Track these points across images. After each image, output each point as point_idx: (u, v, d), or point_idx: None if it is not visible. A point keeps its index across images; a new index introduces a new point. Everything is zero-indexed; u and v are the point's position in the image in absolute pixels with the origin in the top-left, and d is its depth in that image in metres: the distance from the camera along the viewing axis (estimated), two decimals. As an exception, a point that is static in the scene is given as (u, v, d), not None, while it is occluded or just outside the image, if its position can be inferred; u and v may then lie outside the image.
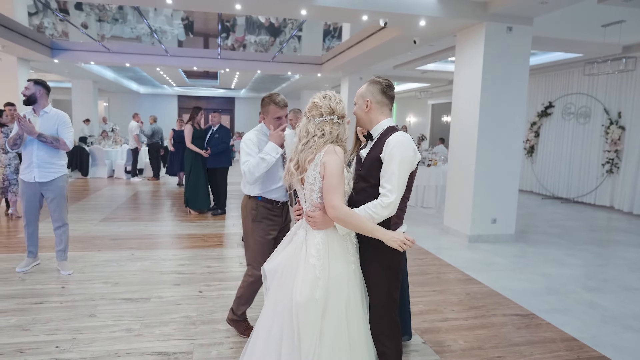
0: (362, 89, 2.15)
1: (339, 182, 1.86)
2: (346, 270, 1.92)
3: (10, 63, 8.99)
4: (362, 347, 1.94)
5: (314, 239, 1.93)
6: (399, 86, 17.76)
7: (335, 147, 1.90)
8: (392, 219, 2.02)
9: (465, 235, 5.92)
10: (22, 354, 2.70)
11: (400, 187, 1.93)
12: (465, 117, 5.98)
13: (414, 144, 2.00)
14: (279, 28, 13.02)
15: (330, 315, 1.86)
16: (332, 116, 1.95)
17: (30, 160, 3.94)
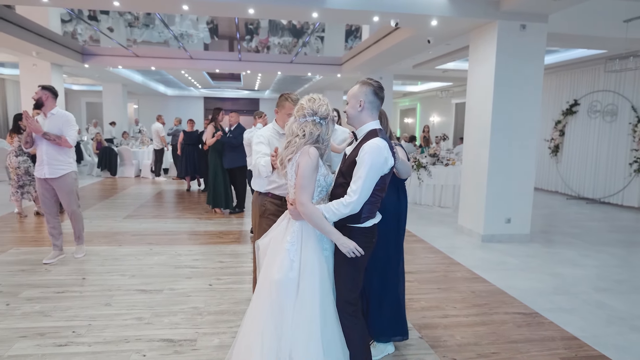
0: (354, 89, 2.25)
1: (309, 183, 2.05)
2: (318, 256, 2.12)
3: (45, 68, 9.49)
4: (333, 325, 2.14)
5: (292, 227, 2.14)
6: (420, 86, 17.66)
7: (310, 148, 2.06)
8: (363, 213, 2.15)
9: (479, 235, 5.90)
10: (42, 337, 2.93)
11: (364, 190, 2.07)
12: (479, 116, 5.96)
13: (385, 153, 2.11)
14: (301, 29, 13.21)
15: (303, 294, 2.07)
16: (314, 117, 2.09)
17: (41, 159, 4.31)
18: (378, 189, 2.16)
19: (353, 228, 2.17)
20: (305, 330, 2.06)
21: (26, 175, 6.38)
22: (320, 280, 2.10)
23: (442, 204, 8.42)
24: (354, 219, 2.16)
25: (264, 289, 2.15)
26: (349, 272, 2.20)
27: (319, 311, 2.08)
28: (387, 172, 2.15)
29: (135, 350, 2.79)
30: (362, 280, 2.28)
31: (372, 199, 2.16)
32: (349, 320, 2.20)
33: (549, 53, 9.61)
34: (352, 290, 2.21)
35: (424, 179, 8.43)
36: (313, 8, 5.29)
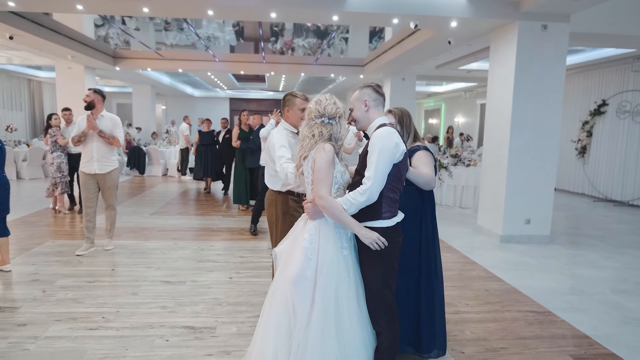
0: (355, 94, 2.34)
1: (326, 175, 2.11)
2: (336, 255, 2.14)
3: (79, 71, 9.96)
4: (353, 326, 2.14)
5: (310, 225, 2.19)
6: (445, 86, 17.53)
7: (326, 144, 2.15)
8: (383, 207, 2.16)
9: (498, 235, 5.90)
10: (75, 321, 3.16)
11: (379, 175, 2.08)
12: (498, 116, 5.95)
13: (396, 138, 2.14)
14: (325, 31, 13.34)
15: (320, 293, 2.09)
16: (322, 118, 2.20)
17: (91, 155, 4.66)
18: (393, 179, 2.15)
19: (376, 228, 2.16)
20: (319, 330, 2.07)
21: (57, 172, 6.70)
22: (337, 280, 2.12)
23: (462, 205, 8.40)
24: (375, 214, 2.16)
25: (280, 287, 2.19)
26: (377, 274, 2.19)
27: (334, 311, 2.10)
28: (400, 160, 2.15)
29: (159, 336, 2.98)
30: (394, 281, 2.26)
31: (390, 191, 2.17)
32: (382, 320, 2.21)
33: (575, 52, 9.45)
34: (384, 292, 2.20)
35: (445, 179, 8.43)
36: (333, 11, 5.42)
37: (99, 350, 2.78)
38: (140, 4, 5.12)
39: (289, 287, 2.12)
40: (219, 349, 2.82)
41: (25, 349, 2.77)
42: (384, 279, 2.21)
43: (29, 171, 10.43)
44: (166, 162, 12.31)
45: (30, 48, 8.08)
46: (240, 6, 5.27)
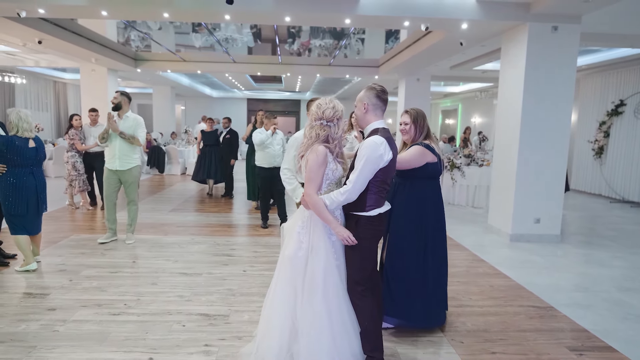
0: (361, 94, 2.54)
1: (315, 176, 2.36)
2: (324, 241, 2.43)
3: (102, 73, 10.34)
4: (340, 304, 2.45)
5: (304, 214, 2.49)
6: (462, 86, 17.49)
7: (319, 146, 2.37)
8: (368, 202, 2.43)
9: (507, 234, 5.97)
10: (99, 307, 3.40)
11: (360, 181, 2.35)
12: (509, 117, 6.03)
13: (381, 150, 2.37)
14: (342, 32, 13.49)
15: (310, 273, 2.40)
16: (321, 121, 2.40)
17: (114, 153, 5.03)
18: (379, 181, 2.42)
19: (360, 217, 2.44)
20: (311, 306, 2.38)
21: (73, 170, 7.01)
22: (325, 261, 2.41)
23: (475, 204, 8.45)
24: (359, 207, 2.43)
25: (281, 265, 2.52)
26: (356, 257, 2.46)
27: (322, 288, 2.39)
28: (384, 166, 2.39)
29: (177, 321, 3.20)
30: (372, 263, 2.53)
31: (377, 189, 2.43)
32: (358, 299, 2.47)
33: (591, 52, 9.40)
34: (360, 272, 2.47)
35: (458, 179, 8.51)
36: (345, 15, 5.59)
37: (121, 333, 3.01)
38: (161, 9, 5.37)
39: (287, 263, 2.44)
40: (231, 334, 3.02)
41: (55, 330, 3.01)
42: (361, 261, 2.47)
43: (55, 169, 10.87)
44: (185, 161, 12.65)
45: (57, 51, 8.45)
46: (256, 11, 5.48)
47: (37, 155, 4.11)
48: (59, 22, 7.15)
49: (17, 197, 3.99)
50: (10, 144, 3.91)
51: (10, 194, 3.98)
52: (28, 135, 4.03)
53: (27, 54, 10.19)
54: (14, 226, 4.06)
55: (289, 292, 2.47)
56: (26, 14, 5.43)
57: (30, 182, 4.07)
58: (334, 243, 2.46)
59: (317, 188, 2.39)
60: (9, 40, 7.81)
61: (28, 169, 4.05)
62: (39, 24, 6.66)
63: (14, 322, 3.13)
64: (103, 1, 5.25)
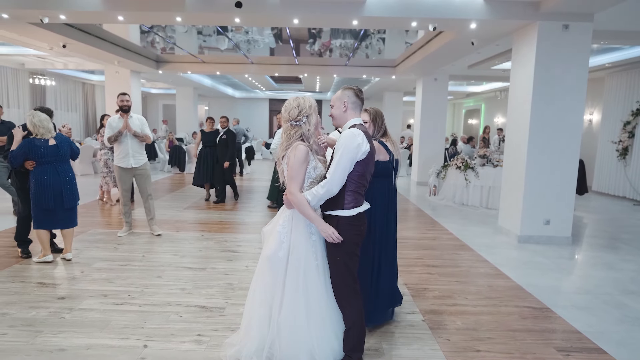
0: (338, 94, 2.61)
1: (297, 173, 2.41)
2: (305, 240, 2.47)
3: (125, 75, 10.74)
4: (321, 306, 2.48)
5: (285, 213, 2.55)
6: (485, 86, 17.23)
7: (299, 145, 2.44)
8: (346, 199, 2.46)
9: (516, 236, 5.92)
10: (105, 297, 3.60)
11: (339, 171, 2.37)
12: (518, 117, 5.97)
13: (359, 139, 2.42)
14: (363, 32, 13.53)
15: (290, 274, 2.44)
16: (291, 122, 2.50)
17: (127, 152, 5.32)
18: (358, 176, 2.45)
19: (340, 217, 2.46)
20: (291, 304, 2.44)
21: (105, 167, 7.48)
22: (305, 261, 2.45)
23: (489, 206, 8.36)
24: (338, 204, 2.46)
25: (261, 264, 2.58)
26: (340, 258, 2.49)
27: (302, 287, 2.44)
28: (363, 159, 2.43)
29: (175, 312, 3.36)
30: (356, 264, 2.55)
31: (355, 185, 2.46)
32: (343, 299, 2.51)
33: (615, 50, 9.14)
34: (345, 274, 2.49)
35: (472, 179, 8.44)
36: (353, 16, 5.66)
37: (121, 321, 3.19)
38: (174, 14, 5.59)
39: (265, 263, 2.49)
40: (224, 326, 3.16)
41: (61, 317, 3.22)
42: (345, 262, 2.49)
43: (80, 167, 11.33)
44: (204, 160, 12.94)
45: (81, 54, 8.84)
46: (264, 14, 5.62)
47: (59, 152, 4.31)
48: (82, 26, 7.50)
49: (42, 193, 4.24)
50: (31, 146, 4.17)
51: (36, 189, 4.24)
52: (47, 136, 4.26)
53: (55, 57, 10.70)
54: (36, 220, 4.32)
55: (269, 292, 2.52)
56: (49, 19, 5.74)
57: (53, 178, 4.27)
58: (314, 243, 2.49)
59: (300, 186, 2.44)
60: (36, 45, 8.22)
61: (51, 166, 4.28)
62: (62, 29, 7.01)
63: (25, 308, 3.36)
64: (119, 7, 5.50)
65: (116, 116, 5.45)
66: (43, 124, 4.21)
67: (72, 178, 4.48)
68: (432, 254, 5.18)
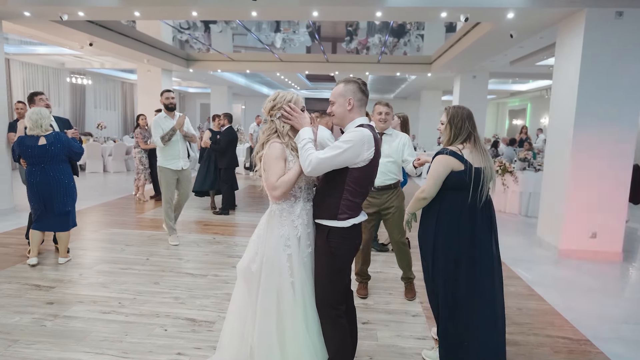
0: (339, 88, 2.24)
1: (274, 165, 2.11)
2: (279, 254, 2.13)
3: (157, 74, 10.80)
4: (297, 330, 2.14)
5: (262, 220, 2.25)
6: (531, 84, 16.18)
7: (272, 143, 2.17)
8: (340, 209, 2.12)
9: (556, 249, 5.30)
10: (94, 304, 3.41)
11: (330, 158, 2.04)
12: (561, 117, 5.34)
13: (367, 142, 2.08)
14: (400, 29, 13.01)
15: (262, 286, 2.14)
16: (267, 117, 2.21)
17: (177, 153, 5.01)
18: (355, 182, 2.11)
19: (332, 228, 2.13)
20: (264, 329, 2.13)
21: (139, 164, 7.78)
22: (280, 279, 2.12)
23: (529, 213, 7.67)
24: (330, 213, 2.13)
25: (238, 277, 2.30)
26: (325, 274, 2.16)
27: (275, 310, 2.13)
28: (363, 165, 2.10)
29: (160, 325, 3.11)
30: (344, 282, 2.22)
31: (351, 193, 2.12)
32: (330, 323, 2.17)
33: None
34: (333, 293, 2.16)
35: (510, 184, 7.79)
36: (376, 8, 5.26)
37: (102, 333, 2.97)
38: (189, 8, 5.40)
39: (239, 276, 2.26)
40: (208, 344, 2.86)
41: (42, 325, 3.04)
42: (330, 279, 2.17)
43: (114, 165, 11.55)
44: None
45: (109, 53, 8.91)
46: (282, 7, 5.33)
47: (48, 153, 4.03)
48: (106, 24, 7.51)
49: (31, 195, 4.09)
50: (20, 144, 4.01)
51: (27, 190, 4.12)
52: (34, 133, 4.00)
53: (91, 56, 10.92)
54: (32, 220, 4.22)
55: (245, 308, 2.26)
56: (68, 17, 5.71)
57: (41, 180, 4.03)
58: (289, 257, 2.15)
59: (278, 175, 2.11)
60: (69, 44, 8.36)
61: (39, 167, 4.04)
62: (87, 27, 7.03)
63: (10, 313, 3.21)
64: (135, 2, 5.37)
65: (162, 115, 5.00)
66: (32, 117, 3.96)
67: (65, 181, 4.14)
68: (458, 267, 4.68)
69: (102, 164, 11.47)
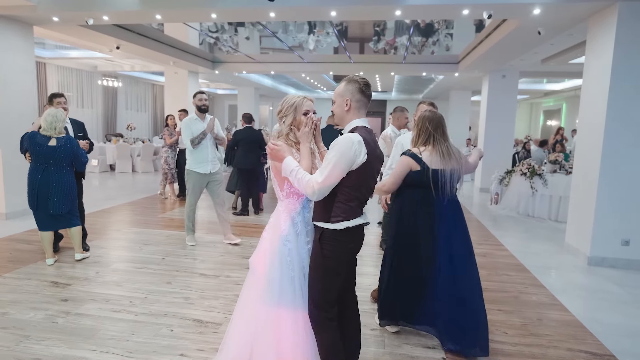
0: (340, 88, 2.20)
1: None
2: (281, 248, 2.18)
3: (183, 76, 11.00)
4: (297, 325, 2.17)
5: (270, 218, 2.32)
6: (566, 83, 15.55)
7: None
8: (334, 212, 2.08)
9: (585, 256, 5.03)
10: (106, 302, 3.47)
11: (329, 174, 1.99)
12: (591, 117, 5.08)
13: (356, 147, 2.02)
14: (428, 28, 12.77)
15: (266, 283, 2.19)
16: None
17: (206, 157, 4.93)
18: (351, 186, 2.07)
19: (325, 230, 2.10)
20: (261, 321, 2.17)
21: (165, 164, 8.02)
22: (280, 271, 2.16)
23: (558, 218, 7.35)
24: (324, 216, 2.10)
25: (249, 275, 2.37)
26: (317, 277, 2.13)
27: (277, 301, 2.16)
28: (355, 169, 2.04)
29: (167, 325, 3.12)
30: (335, 286, 2.15)
31: (346, 197, 2.07)
32: (319, 325, 2.14)
33: None
34: (322, 295, 2.13)
35: (539, 188, 7.48)
36: (395, 6, 5.14)
37: (109, 331, 3.00)
38: (208, 10, 5.44)
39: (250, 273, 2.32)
40: (211, 345, 2.85)
41: (54, 322, 3.11)
42: (320, 280, 2.14)
43: (142, 165, 11.84)
44: (260, 160, 12.95)
45: (135, 55, 9.13)
46: (300, 7, 5.29)
47: (55, 155, 4.08)
48: (133, 27, 7.69)
49: (29, 189, 4.14)
50: (31, 138, 4.09)
51: (28, 185, 4.17)
52: (47, 134, 4.08)
53: (121, 59, 11.24)
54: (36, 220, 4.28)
55: (250, 308, 2.26)
56: (93, 21, 5.87)
57: (42, 180, 4.08)
58: (289, 251, 2.17)
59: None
60: (99, 47, 8.62)
61: (42, 166, 4.10)
62: (114, 31, 7.22)
63: (26, 309, 3.30)
64: (156, 6, 5.45)
65: (192, 116, 4.94)
66: (48, 119, 4.05)
67: (64, 185, 4.16)
68: (477, 273, 4.51)
69: (131, 164, 11.78)
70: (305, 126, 2.18)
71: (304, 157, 2.14)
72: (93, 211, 6.62)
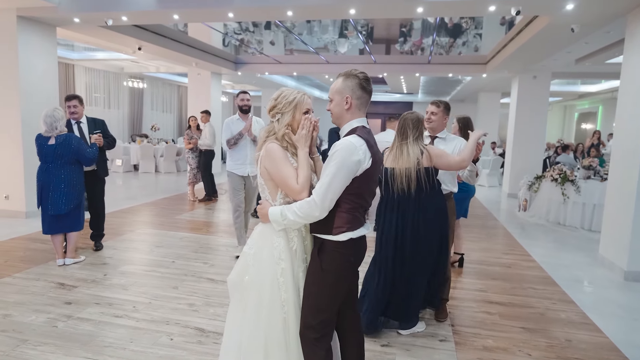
0: (338, 84, 2.01)
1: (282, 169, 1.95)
2: (272, 267, 1.92)
3: (206, 77, 11.02)
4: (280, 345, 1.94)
5: (255, 230, 2.05)
6: (602, 84, 14.82)
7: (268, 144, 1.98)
8: (335, 222, 1.89)
9: (622, 271, 4.66)
10: (109, 307, 3.38)
11: (329, 189, 1.81)
12: (629, 120, 4.70)
13: (360, 153, 1.84)
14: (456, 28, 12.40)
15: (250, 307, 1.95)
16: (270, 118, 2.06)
17: (245, 158, 4.76)
18: (354, 194, 1.89)
19: (325, 241, 1.91)
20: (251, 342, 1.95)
21: (187, 165, 8.10)
22: (271, 291, 1.91)
23: (592, 227, 6.91)
24: (325, 227, 1.90)
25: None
26: (313, 293, 1.93)
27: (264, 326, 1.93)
28: (359, 175, 1.86)
29: (167, 333, 3.00)
30: (331, 307, 1.95)
31: (349, 206, 1.89)
32: (308, 347, 1.94)
33: None
34: (315, 314, 1.92)
35: (571, 195, 7.06)
36: (416, 3, 4.92)
37: (108, 338, 2.90)
38: (226, 9, 5.35)
39: (230, 288, 2.06)
40: (210, 357, 2.71)
41: (54, 326, 3.04)
42: (315, 298, 1.93)
43: (165, 165, 11.93)
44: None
45: (157, 56, 9.18)
46: (317, 6, 5.14)
47: (55, 152, 4.04)
48: (155, 29, 7.71)
49: (37, 189, 4.14)
50: (36, 139, 4.13)
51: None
52: (49, 134, 4.08)
53: (146, 61, 11.36)
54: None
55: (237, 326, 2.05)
56: (112, 21, 5.88)
57: (45, 179, 4.08)
58: (283, 271, 1.92)
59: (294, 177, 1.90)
60: (123, 49, 8.71)
61: (45, 165, 4.10)
62: (136, 32, 7.25)
63: (29, 311, 3.25)
64: (173, 6, 5.41)
65: (234, 117, 4.82)
66: (47, 120, 4.02)
67: (65, 184, 4.09)
68: (500, 286, 4.22)
69: (154, 164, 11.89)
70: (302, 128, 1.95)
71: (302, 166, 1.91)
72: (112, 211, 6.64)
